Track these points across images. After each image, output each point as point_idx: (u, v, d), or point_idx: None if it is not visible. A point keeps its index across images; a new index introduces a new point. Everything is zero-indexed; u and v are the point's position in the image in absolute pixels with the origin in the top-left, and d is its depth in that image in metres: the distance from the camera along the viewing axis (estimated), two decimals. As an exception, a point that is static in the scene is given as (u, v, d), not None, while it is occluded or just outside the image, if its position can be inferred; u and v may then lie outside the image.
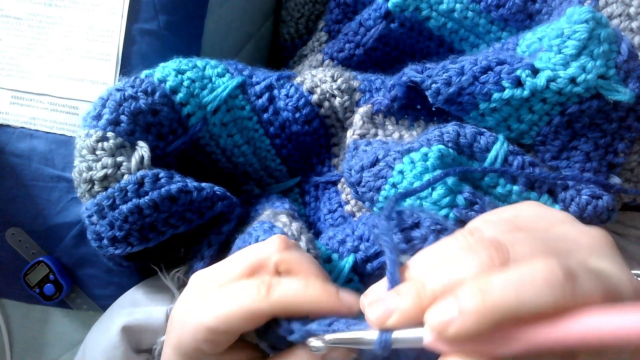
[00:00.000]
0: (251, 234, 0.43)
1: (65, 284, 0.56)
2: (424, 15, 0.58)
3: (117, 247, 0.46)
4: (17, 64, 0.57)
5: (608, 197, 0.46)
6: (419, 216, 0.36)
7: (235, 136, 0.54)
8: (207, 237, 0.50)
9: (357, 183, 0.47)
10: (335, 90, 0.54)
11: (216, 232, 0.49)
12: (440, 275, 0.29)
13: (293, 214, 0.48)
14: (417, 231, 0.36)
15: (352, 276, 0.45)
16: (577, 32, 0.45)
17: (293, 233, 0.42)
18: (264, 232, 0.42)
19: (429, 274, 0.29)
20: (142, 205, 0.45)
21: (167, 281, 0.51)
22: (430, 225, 0.35)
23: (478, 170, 0.44)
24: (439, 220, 0.36)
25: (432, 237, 0.35)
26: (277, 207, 0.49)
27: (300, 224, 0.44)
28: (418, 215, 0.37)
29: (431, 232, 0.35)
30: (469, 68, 0.47)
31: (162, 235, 0.47)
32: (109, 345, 0.48)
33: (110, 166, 0.46)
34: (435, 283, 0.28)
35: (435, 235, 0.35)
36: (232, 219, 0.49)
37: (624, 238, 0.53)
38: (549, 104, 0.47)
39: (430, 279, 0.29)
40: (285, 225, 0.43)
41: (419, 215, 0.37)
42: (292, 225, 0.43)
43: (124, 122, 0.47)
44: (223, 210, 0.49)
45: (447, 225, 0.36)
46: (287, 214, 0.46)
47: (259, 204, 0.52)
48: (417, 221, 0.36)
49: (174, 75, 0.50)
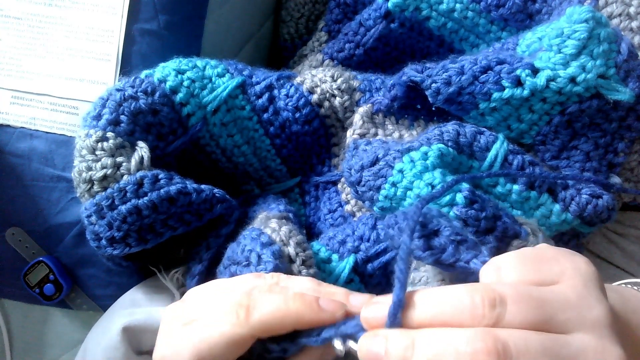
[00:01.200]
0: (239, 243, 0.43)
1: (65, 284, 0.56)
2: (424, 15, 0.58)
3: (116, 248, 0.46)
4: (17, 64, 0.57)
5: (608, 197, 0.46)
6: (439, 222, 0.36)
7: (235, 136, 0.54)
8: (206, 239, 0.50)
9: (357, 182, 0.47)
10: (335, 90, 0.54)
11: (215, 234, 0.49)
12: (434, 343, 0.27)
13: (286, 215, 0.47)
14: (436, 240, 0.35)
15: (352, 276, 0.45)
16: (577, 31, 0.45)
17: (282, 238, 0.42)
18: (252, 240, 0.42)
19: (423, 336, 0.28)
20: (141, 206, 0.45)
21: (167, 282, 0.51)
22: (450, 235, 0.35)
23: (491, 175, 0.43)
24: (458, 230, 0.36)
25: (452, 248, 0.34)
26: (271, 210, 0.49)
27: (289, 228, 0.44)
28: (438, 221, 0.36)
29: (450, 242, 0.34)
30: (468, 68, 0.47)
31: (161, 237, 0.47)
32: (109, 346, 0.48)
33: (110, 166, 0.46)
34: (425, 351, 0.27)
35: (455, 246, 0.34)
36: (231, 222, 0.49)
37: (624, 238, 0.53)
38: (549, 103, 0.47)
39: (422, 343, 0.28)
40: (274, 230, 0.43)
41: (439, 222, 0.36)
42: (280, 230, 0.43)
43: (124, 122, 0.47)
44: (222, 213, 0.49)
45: (467, 236, 0.36)
46: (277, 218, 0.46)
47: (256, 205, 0.52)
48: (437, 228, 0.35)
49: (174, 75, 0.50)
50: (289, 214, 0.48)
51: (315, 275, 0.42)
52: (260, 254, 0.40)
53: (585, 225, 0.47)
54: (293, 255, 0.41)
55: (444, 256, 0.34)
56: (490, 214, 0.41)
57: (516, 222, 0.42)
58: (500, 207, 0.43)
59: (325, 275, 0.45)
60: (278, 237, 0.43)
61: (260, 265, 0.39)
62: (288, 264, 0.41)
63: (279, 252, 0.41)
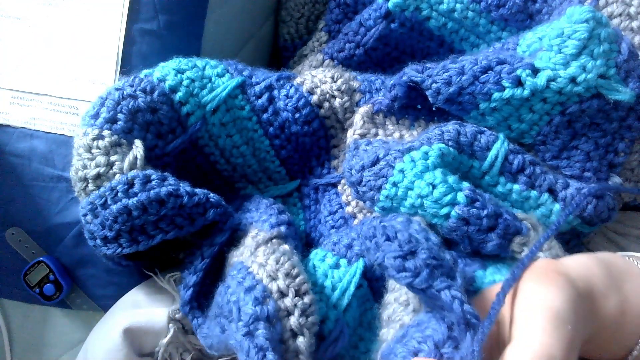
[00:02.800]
0: (227, 288, 0.41)
1: (65, 284, 0.56)
2: (424, 15, 0.58)
3: (109, 248, 0.45)
4: (17, 64, 0.56)
5: (609, 197, 0.46)
6: (418, 243, 0.36)
7: (235, 136, 0.54)
8: (200, 248, 0.49)
9: (358, 182, 0.47)
10: (335, 91, 0.54)
11: (209, 243, 0.48)
12: None
13: (277, 233, 0.45)
14: (411, 261, 0.35)
15: (362, 282, 0.44)
16: (577, 31, 0.45)
17: (269, 274, 0.40)
18: (237, 285, 0.40)
19: None
20: (131, 207, 0.44)
21: (165, 284, 0.51)
22: (427, 259, 0.35)
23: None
24: (435, 253, 0.35)
25: (426, 272, 0.34)
26: (263, 223, 0.47)
27: (276, 258, 0.41)
28: (417, 241, 0.36)
29: (426, 266, 0.34)
30: (469, 68, 0.47)
31: (152, 240, 0.46)
32: (111, 347, 0.48)
33: (103, 165, 0.46)
34: None
35: (430, 271, 0.34)
36: (226, 230, 0.48)
37: (624, 238, 0.53)
38: (549, 103, 0.47)
39: None
40: (261, 266, 0.40)
41: (418, 242, 0.36)
42: (267, 264, 0.40)
43: (122, 120, 0.47)
44: (216, 219, 0.48)
45: (444, 260, 0.35)
46: (266, 243, 0.44)
47: (249, 212, 0.50)
48: (414, 250, 0.35)
49: (173, 75, 0.50)
50: (281, 228, 0.46)
51: (311, 303, 0.39)
52: (240, 307, 0.38)
53: (586, 225, 0.47)
54: (284, 289, 0.39)
55: (416, 281, 0.34)
56: (491, 212, 0.41)
57: (517, 219, 0.42)
58: (500, 205, 0.43)
59: (335, 281, 0.44)
60: (265, 274, 0.40)
61: (240, 318, 0.37)
62: (278, 301, 0.38)
63: (263, 294, 0.38)
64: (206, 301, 0.47)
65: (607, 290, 0.36)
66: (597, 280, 0.36)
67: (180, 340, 0.49)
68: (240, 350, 0.36)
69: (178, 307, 0.49)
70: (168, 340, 0.48)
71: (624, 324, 0.36)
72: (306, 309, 0.38)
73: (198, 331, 0.45)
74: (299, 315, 0.38)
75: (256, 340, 0.35)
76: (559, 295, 0.32)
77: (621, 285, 0.36)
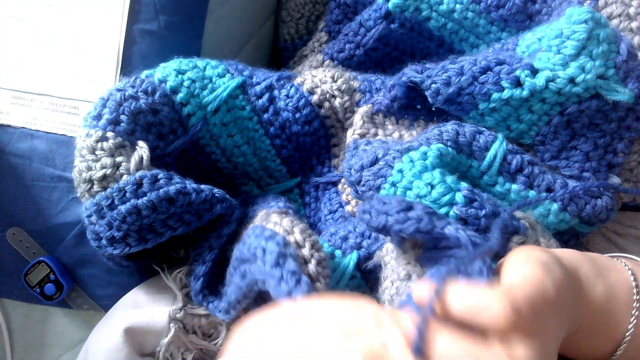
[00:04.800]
0: (244, 242, 0.43)
1: (65, 283, 0.56)
2: (424, 15, 0.59)
3: (116, 248, 0.46)
4: (18, 64, 0.57)
5: (607, 197, 0.46)
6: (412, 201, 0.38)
7: (236, 136, 0.54)
8: (207, 240, 0.50)
9: (357, 182, 0.47)
10: (336, 90, 0.55)
11: (216, 235, 0.49)
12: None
13: (286, 210, 0.47)
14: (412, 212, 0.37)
15: (355, 273, 0.45)
16: (576, 32, 0.45)
17: (285, 229, 0.42)
18: (256, 238, 0.41)
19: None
20: (140, 206, 0.45)
21: (170, 282, 0.51)
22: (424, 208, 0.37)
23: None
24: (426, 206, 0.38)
25: (427, 218, 0.36)
26: (270, 207, 0.49)
27: (290, 219, 0.43)
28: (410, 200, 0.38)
29: (425, 213, 0.36)
30: (468, 68, 0.48)
31: (161, 237, 0.47)
32: (111, 347, 0.48)
33: (109, 166, 0.46)
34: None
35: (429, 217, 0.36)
36: (232, 222, 0.49)
37: (622, 238, 0.53)
38: (548, 104, 0.47)
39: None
40: (276, 224, 0.43)
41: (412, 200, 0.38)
42: (282, 222, 0.43)
43: (124, 121, 0.48)
44: (222, 213, 0.49)
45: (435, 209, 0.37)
46: (278, 213, 0.45)
47: (256, 204, 0.52)
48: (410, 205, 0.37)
49: (174, 76, 0.50)
50: (289, 210, 0.48)
51: (325, 257, 0.41)
52: (264, 248, 0.40)
53: (584, 224, 0.47)
54: (300, 241, 0.41)
55: (421, 225, 0.36)
56: (489, 212, 0.41)
57: (515, 218, 0.42)
58: (498, 204, 0.43)
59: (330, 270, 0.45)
60: (281, 229, 0.42)
61: (266, 256, 0.39)
62: (296, 249, 0.40)
63: (284, 241, 0.40)
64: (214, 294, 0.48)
65: (594, 277, 0.36)
66: (584, 268, 0.37)
67: (182, 340, 0.49)
68: (272, 278, 0.37)
69: (179, 307, 0.49)
70: (169, 340, 0.48)
71: (612, 312, 0.36)
72: (321, 260, 0.40)
73: (215, 308, 0.46)
74: (316, 263, 0.39)
75: (287, 266, 0.37)
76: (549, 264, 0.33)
77: (607, 274, 0.37)
